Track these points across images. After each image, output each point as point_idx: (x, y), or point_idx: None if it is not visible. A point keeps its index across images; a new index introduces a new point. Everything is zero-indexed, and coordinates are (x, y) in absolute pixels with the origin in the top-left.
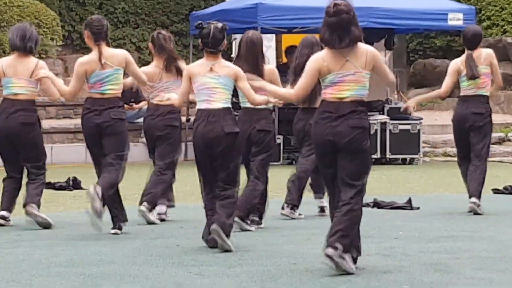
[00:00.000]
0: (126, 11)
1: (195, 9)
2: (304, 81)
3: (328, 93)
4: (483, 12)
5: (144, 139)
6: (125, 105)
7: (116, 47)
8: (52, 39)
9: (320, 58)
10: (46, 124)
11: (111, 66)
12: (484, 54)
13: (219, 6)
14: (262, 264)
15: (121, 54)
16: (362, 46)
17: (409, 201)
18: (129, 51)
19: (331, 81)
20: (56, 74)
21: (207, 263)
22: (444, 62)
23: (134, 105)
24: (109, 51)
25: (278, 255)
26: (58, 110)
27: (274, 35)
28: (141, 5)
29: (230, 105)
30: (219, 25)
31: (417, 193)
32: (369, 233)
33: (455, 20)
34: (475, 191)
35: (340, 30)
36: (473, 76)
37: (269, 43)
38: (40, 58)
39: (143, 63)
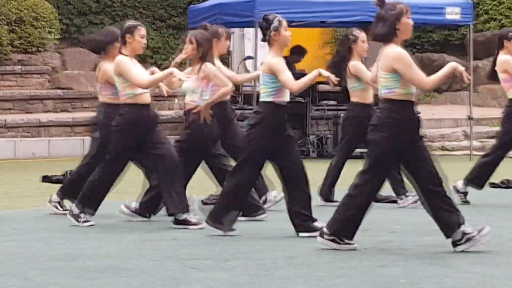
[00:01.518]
0: (124, 5)
1: (192, 2)
2: None
3: None
4: (480, 6)
5: None
6: None
7: None
8: (49, 32)
9: None
10: (43, 117)
11: None
12: (499, 61)
13: (217, 0)
14: (257, 257)
15: None
16: (387, 49)
17: None
18: None
19: None
20: (54, 68)
21: (202, 256)
22: (442, 56)
23: None
24: None
25: (274, 249)
26: (55, 103)
27: None
28: None
29: (267, 100)
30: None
31: None
32: (365, 227)
33: (453, 14)
34: None
35: (374, 23)
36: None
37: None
38: (38, 51)
39: (140, 56)
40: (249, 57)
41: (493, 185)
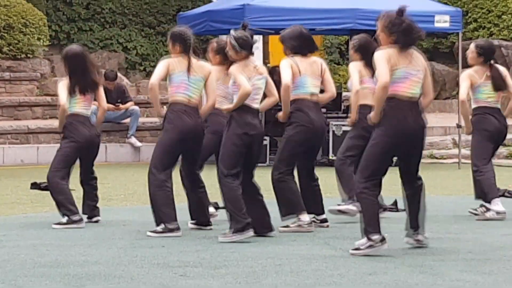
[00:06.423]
0: (113, 12)
1: (182, 9)
2: None
3: None
4: (469, 14)
5: (132, 139)
6: (111, 106)
7: (103, 47)
8: (39, 39)
9: None
10: (32, 124)
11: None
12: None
13: (206, 7)
14: (247, 265)
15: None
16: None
17: (395, 203)
18: (115, 51)
19: None
20: (43, 74)
21: (192, 264)
22: (431, 64)
23: (121, 106)
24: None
25: (263, 256)
26: (44, 110)
27: (261, 36)
28: (128, 5)
29: None
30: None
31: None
32: (354, 235)
33: (442, 22)
34: None
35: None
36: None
37: (256, 44)
38: (27, 58)
39: (129, 63)
40: None
41: None
